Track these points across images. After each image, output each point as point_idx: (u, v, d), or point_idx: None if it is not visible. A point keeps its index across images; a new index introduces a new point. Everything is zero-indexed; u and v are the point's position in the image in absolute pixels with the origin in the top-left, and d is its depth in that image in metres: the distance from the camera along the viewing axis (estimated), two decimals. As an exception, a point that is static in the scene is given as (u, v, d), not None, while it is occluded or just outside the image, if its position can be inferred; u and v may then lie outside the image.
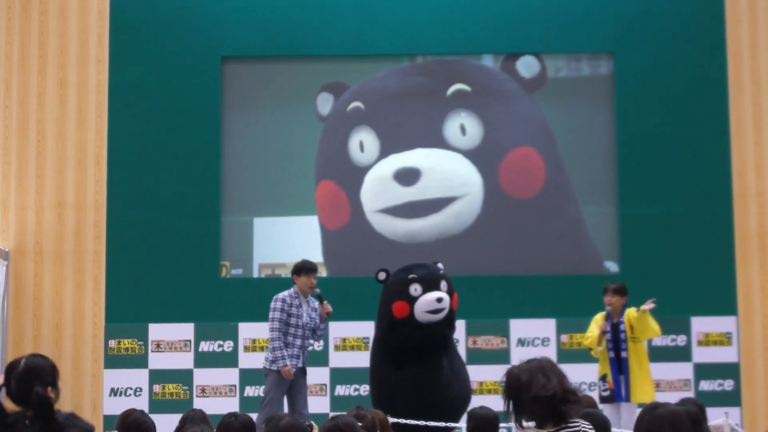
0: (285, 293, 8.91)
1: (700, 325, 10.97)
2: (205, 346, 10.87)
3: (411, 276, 8.18)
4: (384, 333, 8.31)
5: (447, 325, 8.24)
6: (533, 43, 11.44)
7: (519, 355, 10.70)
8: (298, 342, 8.79)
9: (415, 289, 8.08)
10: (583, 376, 10.68)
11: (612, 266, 11.24)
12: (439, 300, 8.01)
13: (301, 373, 8.83)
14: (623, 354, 9.03)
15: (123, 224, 11.08)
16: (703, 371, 10.90)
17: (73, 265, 11.04)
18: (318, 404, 10.55)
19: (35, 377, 4.07)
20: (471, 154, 11.31)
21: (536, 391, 3.99)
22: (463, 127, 11.32)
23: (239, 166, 11.38)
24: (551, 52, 11.47)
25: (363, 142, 11.38)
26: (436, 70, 11.52)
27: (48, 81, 11.27)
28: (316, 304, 8.98)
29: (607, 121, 11.35)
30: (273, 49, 11.44)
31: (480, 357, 10.58)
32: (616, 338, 9.08)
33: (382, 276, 8.32)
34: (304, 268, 8.91)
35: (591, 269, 11.15)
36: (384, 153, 11.36)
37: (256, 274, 11.24)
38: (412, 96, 11.43)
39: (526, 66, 11.47)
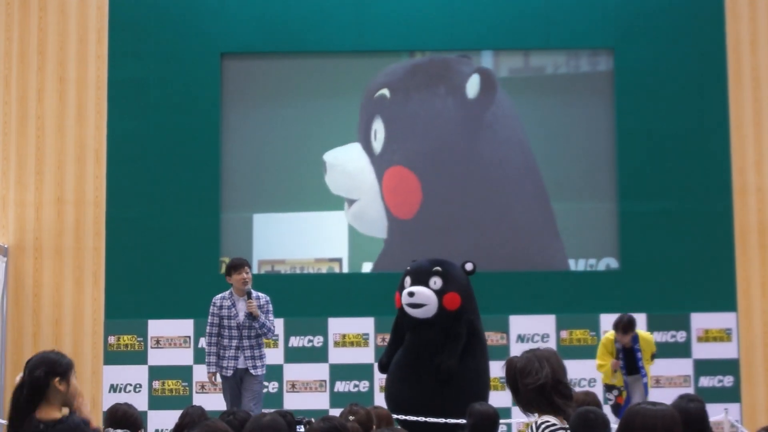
0: (219, 295, 8.72)
1: (700, 321, 10.94)
2: (204, 343, 10.77)
3: (407, 268, 8.17)
4: None
5: (435, 324, 7.96)
6: (533, 39, 11.41)
7: (519, 352, 10.74)
8: (234, 343, 8.56)
9: (406, 281, 8.04)
10: (583, 372, 10.71)
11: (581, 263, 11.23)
12: (410, 294, 7.85)
13: (246, 374, 8.58)
14: (644, 380, 9.17)
15: (122, 220, 11.04)
16: (703, 367, 10.88)
17: (72, 261, 11.01)
18: (317, 400, 10.56)
19: (43, 365, 4.16)
20: (374, 162, 11.40)
21: (528, 378, 4.04)
22: (376, 132, 11.38)
23: (238, 163, 11.35)
24: (551, 48, 11.43)
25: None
26: (424, 68, 11.48)
27: (47, 77, 11.25)
28: (262, 301, 8.70)
29: (607, 117, 11.30)
30: (272, 45, 11.40)
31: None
32: (632, 365, 9.23)
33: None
34: (233, 266, 8.65)
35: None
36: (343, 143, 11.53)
37: (255, 271, 11.18)
38: (372, 93, 11.46)
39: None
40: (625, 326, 9.21)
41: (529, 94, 11.44)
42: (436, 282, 7.96)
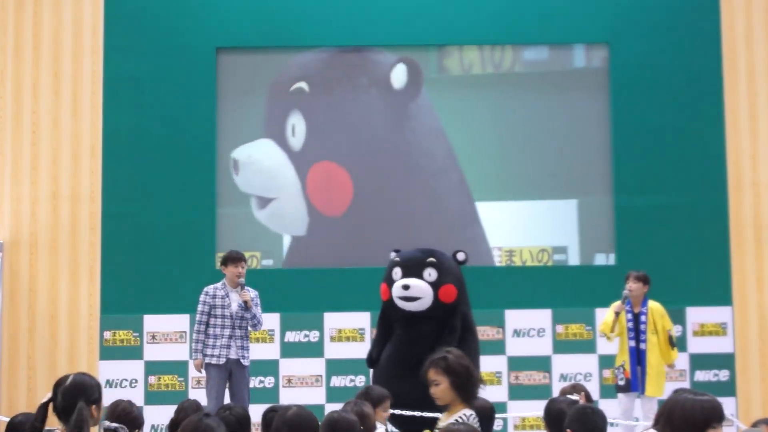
0: (212, 285, 8.92)
1: (696, 315, 10.89)
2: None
3: (395, 259, 7.96)
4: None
5: (430, 318, 7.83)
6: (528, 34, 11.33)
7: (515, 347, 10.57)
8: (227, 332, 8.70)
9: (395, 272, 7.86)
10: (579, 366, 10.68)
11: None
12: (405, 287, 7.65)
13: (237, 365, 8.72)
14: (642, 346, 8.90)
15: (118, 215, 10.96)
16: (699, 361, 10.83)
17: (68, 256, 10.95)
18: (314, 395, 10.50)
19: (81, 393, 4.14)
20: (293, 158, 11.21)
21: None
22: (294, 128, 11.16)
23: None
24: (546, 43, 11.37)
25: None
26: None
27: (42, 72, 11.18)
28: (252, 294, 8.86)
29: (602, 112, 11.23)
30: (268, 40, 11.31)
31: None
32: (636, 328, 8.93)
33: (392, 255, 8.15)
34: (230, 258, 8.85)
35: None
36: (244, 140, 11.30)
37: (252, 265, 11.14)
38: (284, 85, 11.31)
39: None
40: (638, 275, 8.95)
41: (522, 90, 11.33)
42: (431, 273, 7.76)
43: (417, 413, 7.58)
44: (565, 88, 11.32)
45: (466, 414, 4.93)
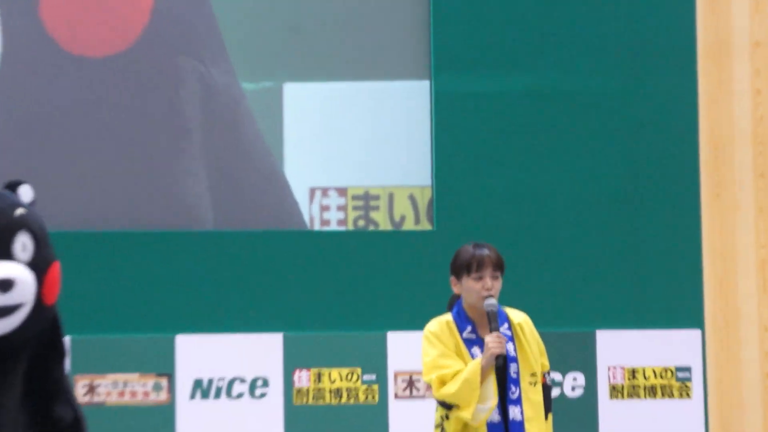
0: None
1: (618, 350, 5.64)
2: None
3: None
4: None
5: (25, 340, 3.39)
6: None
7: (189, 414, 6.60)
8: None
9: None
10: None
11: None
12: (6, 285, 3.42)
13: None
14: (513, 408, 4.90)
15: None
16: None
17: None
18: None
19: None
20: None
21: None
22: None
23: None
24: None
25: None
26: None
27: None
28: None
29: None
30: None
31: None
32: (500, 375, 4.84)
33: None
34: None
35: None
36: None
37: None
38: None
39: None
40: (494, 258, 4.79)
41: None
42: (24, 245, 3.56)
43: None
44: None
45: None
